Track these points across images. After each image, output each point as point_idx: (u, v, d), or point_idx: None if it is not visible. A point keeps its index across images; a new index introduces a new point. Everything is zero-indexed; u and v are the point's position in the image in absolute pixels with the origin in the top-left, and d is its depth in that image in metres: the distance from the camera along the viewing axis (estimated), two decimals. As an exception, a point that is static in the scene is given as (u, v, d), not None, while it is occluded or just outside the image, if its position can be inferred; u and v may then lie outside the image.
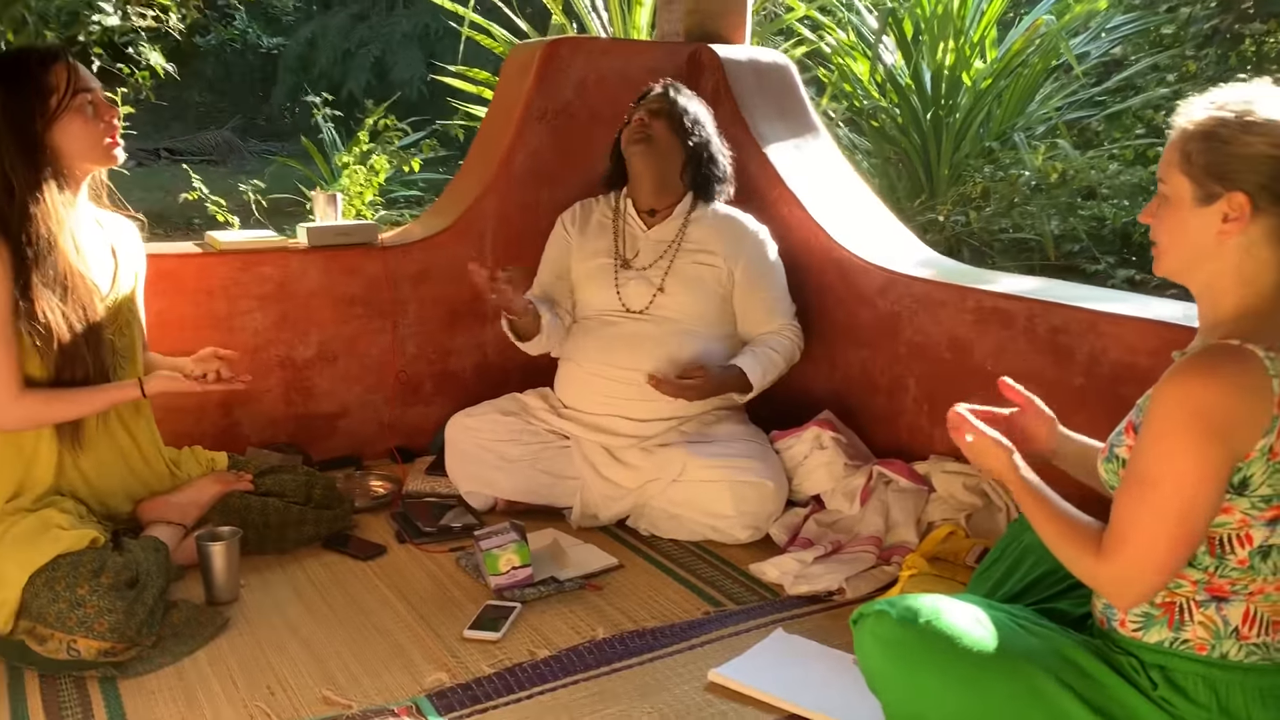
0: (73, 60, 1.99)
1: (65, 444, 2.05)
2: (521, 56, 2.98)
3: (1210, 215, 1.37)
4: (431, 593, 2.14)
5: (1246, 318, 1.38)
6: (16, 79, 1.94)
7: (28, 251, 1.93)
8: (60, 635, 1.79)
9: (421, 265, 2.86)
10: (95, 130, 1.99)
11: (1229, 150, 1.35)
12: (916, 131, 6.23)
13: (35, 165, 1.95)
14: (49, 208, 1.96)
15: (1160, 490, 1.33)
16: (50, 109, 1.94)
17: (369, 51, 10.95)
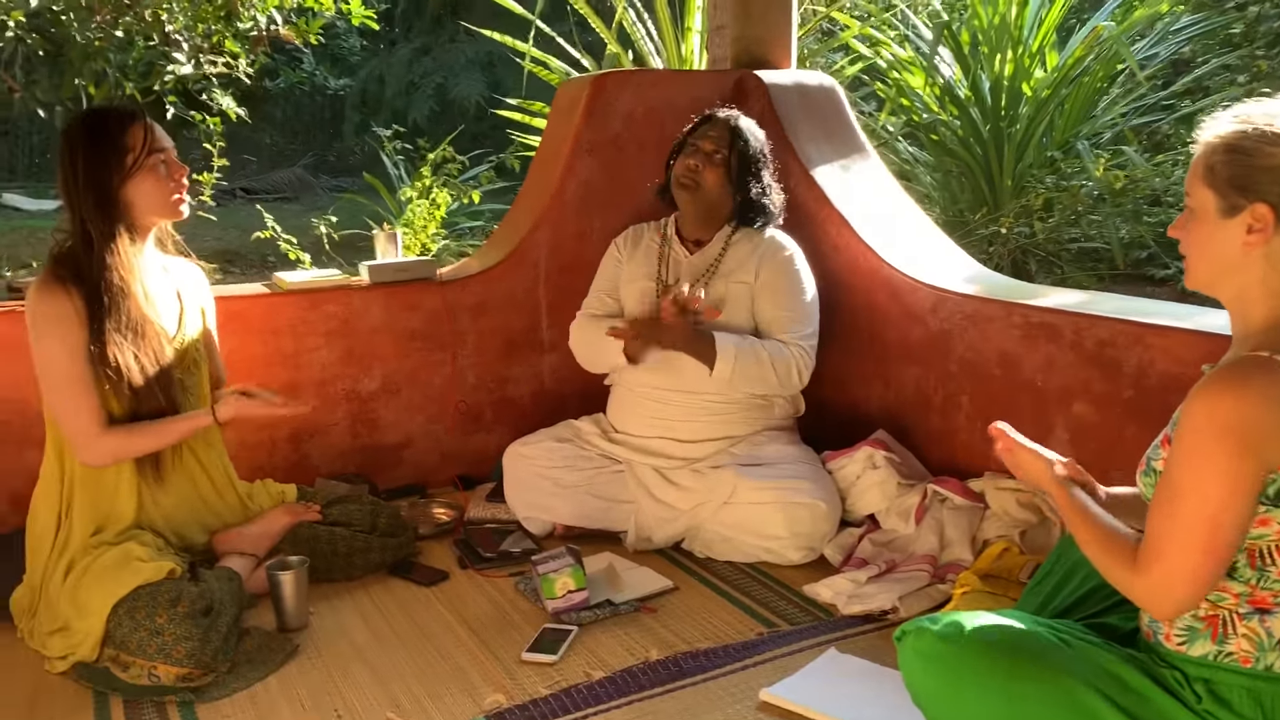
0: (149, 121, 2.11)
1: (144, 479, 2.16)
2: (571, 91, 3.06)
3: (1235, 227, 1.37)
4: (491, 616, 2.20)
5: (1276, 329, 1.38)
6: (97, 138, 2.06)
7: (103, 299, 2.05)
8: (141, 662, 1.89)
9: (479, 298, 2.94)
10: (166, 187, 2.10)
11: (1252, 162, 1.35)
12: (977, 143, 6.18)
13: (110, 218, 2.07)
14: (122, 258, 2.08)
15: (1191, 503, 1.34)
16: (126, 167, 2.06)
17: (431, 80, 11.21)
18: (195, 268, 2.35)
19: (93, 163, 2.05)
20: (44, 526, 2.12)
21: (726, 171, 2.57)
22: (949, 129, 6.32)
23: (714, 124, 2.61)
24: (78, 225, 2.08)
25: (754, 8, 3.22)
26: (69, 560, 2.05)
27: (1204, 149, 1.41)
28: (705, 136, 2.59)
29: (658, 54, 5.91)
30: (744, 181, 2.58)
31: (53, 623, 2.02)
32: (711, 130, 2.60)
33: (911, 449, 2.64)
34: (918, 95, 6.41)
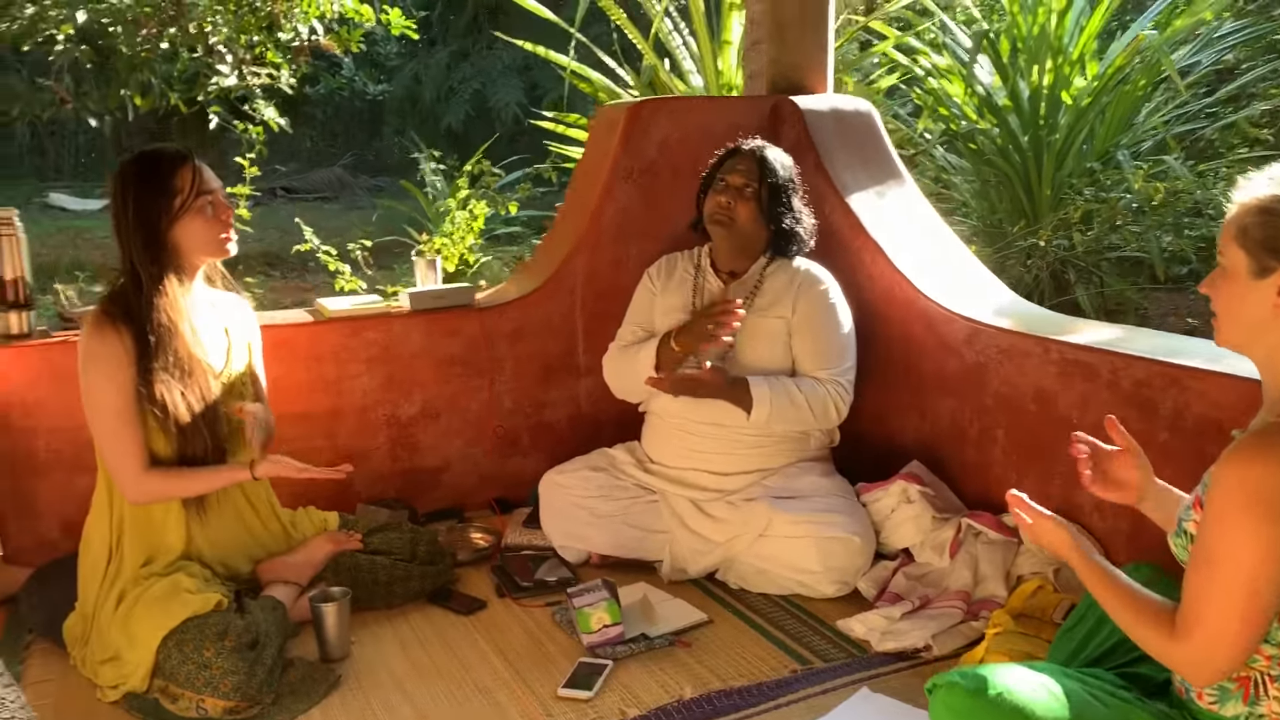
0: (197, 163, 2.16)
1: (191, 512, 2.22)
2: (607, 118, 3.09)
3: (1266, 289, 1.38)
4: (528, 648, 2.24)
5: (1311, 389, 1.39)
6: (147, 180, 2.12)
7: (151, 338, 2.10)
8: (190, 695, 1.95)
9: (516, 324, 2.98)
10: (213, 228, 2.16)
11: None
12: (1016, 152, 6.14)
13: (159, 259, 2.12)
14: (170, 298, 2.13)
15: (1226, 571, 1.35)
16: (175, 209, 2.12)
17: (468, 86, 11.29)
18: (243, 301, 2.41)
19: (142, 205, 2.11)
20: (96, 557, 2.18)
21: (758, 204, 2.58)
22: (987, 138, 6.28)
23: (741, 157, 2.62)
24: (128, 265, 2.14)
25: (789, 32, 3.23)
26: (120, 590, 2.11)
27: (1238, 209, 1.42)
28: (734, 171, 2.60)
29: (695, 65, 5.93)
30: (776, 213, 2.59)
31: (104, 652, 2.08)
32: (740, 164, 2.61)
33: (946, 481, 2.64)
34: (955, 103, 6.38)
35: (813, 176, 3.01)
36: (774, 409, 2.45)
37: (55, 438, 2.56)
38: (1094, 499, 2.25)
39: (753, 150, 2.63)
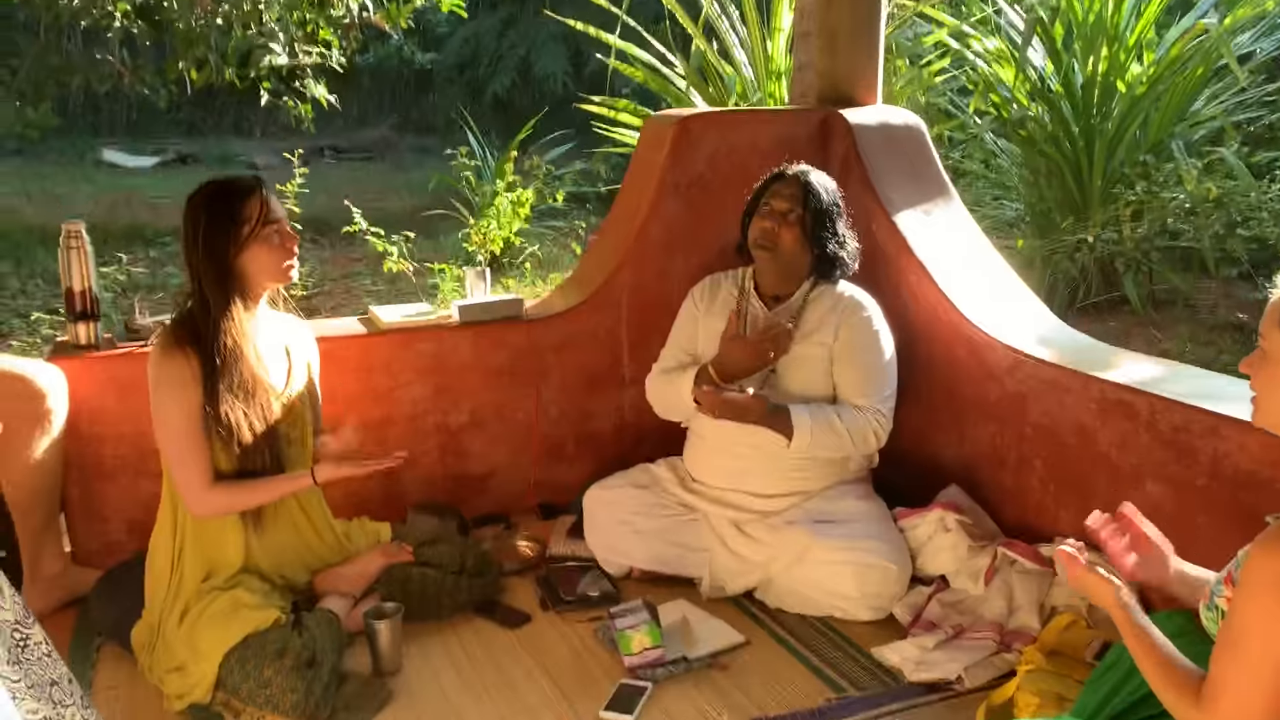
0: (265, 193, 2.23)
1: (248, 526, 2.32)
2: (655, 133, 3.12)
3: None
4: (571, 666, 2.32)
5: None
6: (217, 209, 2.19)
7: (216, 361, 2.19)
8: (252, 710, 2.06)
9: (562, 336, 3.04)
10: (278, 256, 2.23)
11: None
12: (1067, 140, 6.06)
13: (226, 286, 2.20)
14: (236, 323, 2.22)
15: (1253, 651, 1.39)
16: (243, 237, 2.19)
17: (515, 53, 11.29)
18: (303, 324, 2.49)
19: (211, 233, 2.18)
20: (160, 570, 2.29)
21: (802, 229, 2.60)
22: (1039, 124, 6.20)
23: (786, 182, 2.64)
24: (196, 290, 2.22)
25: (840, 43, 3.23)
26: (183, 605, 2.22)
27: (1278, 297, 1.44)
28: (778, 195, 2.63)
29: (744, 51, 5.90)
30: (819, 237, 2.61)
31: (170, 661, 2.19)
32: (784, 189, 2.63)
33: (983, 504, 2.68)
34: (1006, 88, 6.29)
35: (860, 193, 3.03)
36: (815, 438, 2.50)
37: (121, 444, 2.67)
38: (1130, 536, 2.28)
39: (797, 175, 2.65)
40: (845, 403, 2.60)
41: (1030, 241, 6.49)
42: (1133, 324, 5.75)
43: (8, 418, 2.39)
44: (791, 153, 3.07)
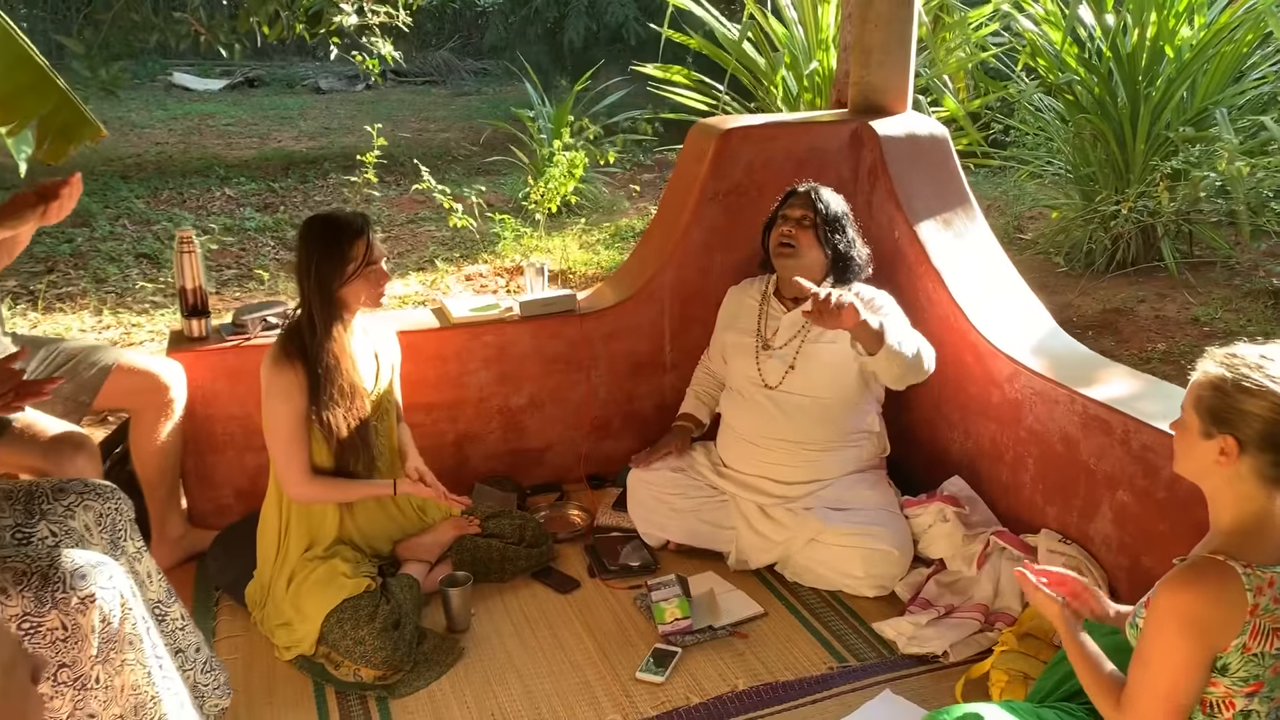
0: (371, 236, 2.58)
1: (344, 505, 2.73)
2: (698, 143, 3.40)
3: (1210, 448, 1.72)
4: (612, 629, 2.73)
5: (1236, 534, 1.74)
6: (329, 246, 2.55)
7: (320, 373, 2.58)
8: (349, 664, 2.49)
9: (612, 327, 3.39)
10: (374, 290, 2.60)
11: (1228, 403, 1.69)
12: (1113, 104, 6.17)
13: (329, 310, 2.57)
14: (336, 339, 2.60)
15: (1155, 672, 1.73)
16: (347, 274, 2.55)
17: (582, 0, 11.43)
18: (389, 327, 2.87)
19: (322, 266, 2.55)
20: (269, 539, 2.71)
21: (815, 231, 2.92)
22: (1085, 88, 6.31)
23: (797, 196, 2.98)
24: (305, 308, 2.59)
25: (873, 56, 3.47)
26: (289, 572, 2.64)
27: (1198, 378, 1.75)
28: (791, 206, 2.96)
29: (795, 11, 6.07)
30: (831, 238, 2.92)
31: (279, 618, 2.63)
32: (797, 201, 2.96)
33: (982, 494, 3.02)
34: (1054, 51, 6.39)
35: (884, 201, 3.31)
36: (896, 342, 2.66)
37: (229, 423, 3.09)
38: (1105, 534, 2.63)
39: (806, 190, 2.97)
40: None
41: (1074, 203, 6.66)
42: (1168, 287, 5.94)
43: (140, 408, 2.82)
44: (823, 162, 3.38)
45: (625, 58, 9.89)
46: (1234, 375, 1.70)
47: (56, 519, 2.04)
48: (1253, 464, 1.70)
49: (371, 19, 6.60)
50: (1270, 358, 1.71)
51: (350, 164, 8.06)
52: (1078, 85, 6.33)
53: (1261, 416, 1.67)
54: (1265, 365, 1.70)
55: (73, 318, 5.58)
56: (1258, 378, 1.68)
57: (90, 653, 1.82)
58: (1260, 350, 1.73)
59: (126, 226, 7.52)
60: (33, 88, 3.08)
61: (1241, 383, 1.69)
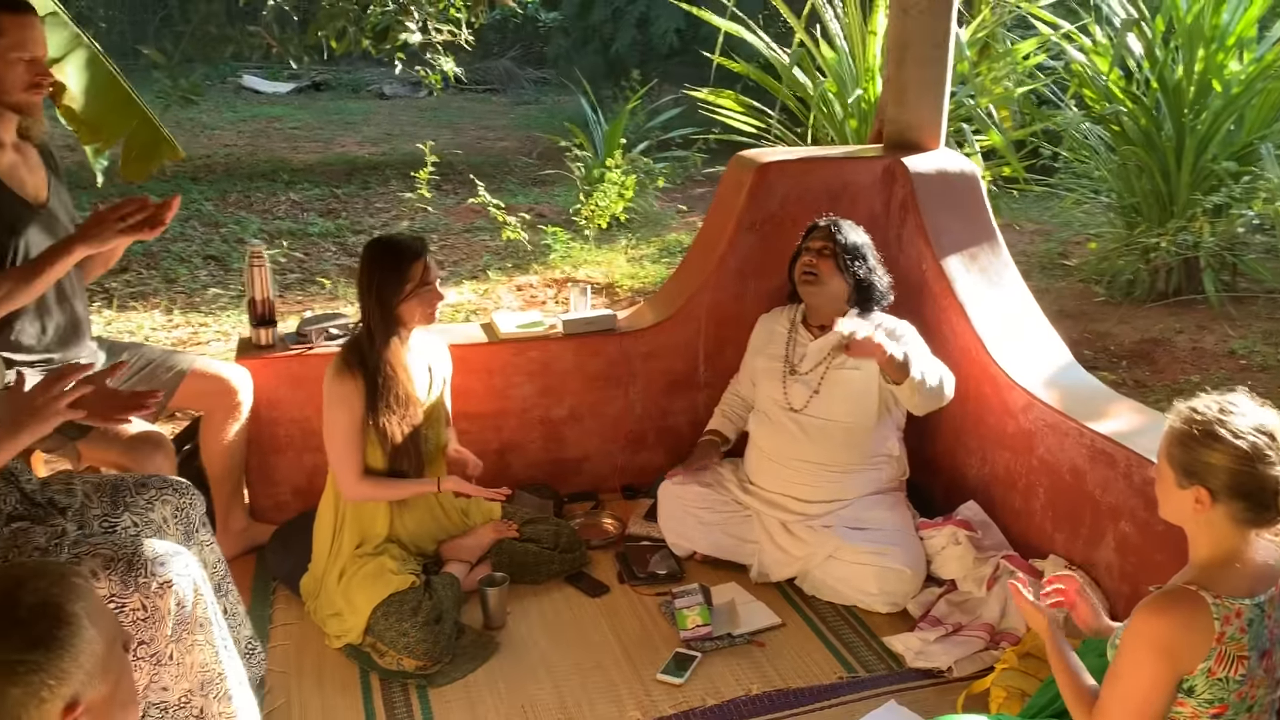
0: (428, 259, 2.79)
1: (394, 506, 2.95)
2: (736, 175, 3.59)
3: (1185, 496, 1.87)
4: (637, 633, 2.91)
5: (1211, 568, 1.88)
6: (389, 266, 2.77)
7: (378, 381, 2.80)
8: (393, 654, 2.70)
9: (649, 346, 3.58)
10: (429, 309, 2.81)
11: (1197, 456, 1.84)
12: (1160, 136, 6.22)
13: (387, 325, 2.79)
14: (393, 352, 2.82)
15: (1125, 687, 1.88)
16: (405, 292, 2.77)
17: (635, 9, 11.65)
18: (442, 342, 3.09)
19: (383, 285, 2.77)
20: (324, 535, 2.94)
21: (837, 261, 3.08)
22: (1131, 118, 6.38)
23: (818, 229, 3.15)
24: (365, 323, 2.82)
25: (909, 95, 3.62)
26: (341, 566, 2.87)
27: (1169, 433, 1.90)
28: (813, 239, 3.13)
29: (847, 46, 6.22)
30: (851, 266, 3.08)
31: (330, 608, 2.85)
32: (819, 234, 3.13)
33: (996, 519, 3.16)
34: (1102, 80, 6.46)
35: (914, 235, 3.47)
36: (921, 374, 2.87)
37: (290, 426, 3.33)
38: (1108, 562, 2.76)
39: (826, 224, 3.14)
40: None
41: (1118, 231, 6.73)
42: (1209, 319, 5.99)
43: (210, 409, 3.07)
44: (856, 196, 3.55)
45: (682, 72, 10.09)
46: (1197, 430, 1.85)
47: (138, 511, 2.28)
48: (1225, 510, 1.85)
49: (435, 36, 6.85)
50: (1231, 410, 1.86)
51: (410, 172, 8.34)
52: (1124, 116, 6.41)
53: (1227, 468, 1.82)
54: (1225, 419, 1.84)
55: (144, 316, 5.90)
56: (1219, 431, 1.82)
57: (165, 632, 2.05)
58: (1220, 402, 1.88)
59: (196, 228, 7.85)
60: (117, 109, 3.38)
61: (1204, 437, 1.84)
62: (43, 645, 1.19)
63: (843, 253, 3.09)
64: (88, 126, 3.34)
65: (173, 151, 3.55)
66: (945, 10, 3.54)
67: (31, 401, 1.92)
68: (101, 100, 3.32)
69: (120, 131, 3.41)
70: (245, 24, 7.70)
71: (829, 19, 6.35)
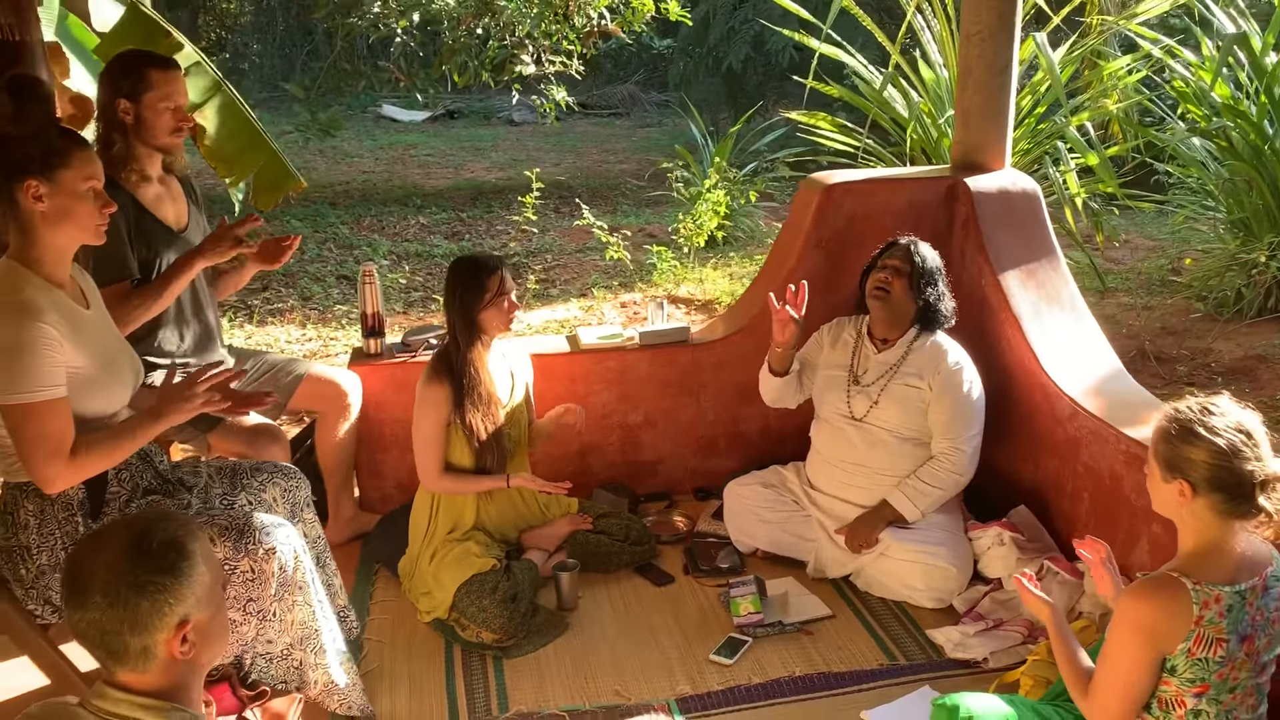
0: (504, 272, 3.13)
1: (482, 498, 3.28)
2: (805, 196, 3.82)
3: (1171, 489, 2.03)
4: (696, 620, 3.16)
5: (1194, 557, 2.04)
6: (470, 280, 3.10)
7: (464, 383, 3.14)
8: (474, 627, 3.02)
9: (720, 357, 3.84)
10: (506, 318, 3.14)
11: (1176, 452, 2.00)
12: (1270, 150, 6.15)
13: (470, 333, 3.13)
14: (476, 357, 3.15)
15: (1112, 664, 2.05)
16: (484, 302, 3.10)
17: (750, 28, 11.93)
18: (524, 351, 3.41)
19: (465, 296, 3.11)
20: (420, 522, 3.29)
21: (909, 282, 3.26)
22: (1239, 133, 6.31)
23: (898, 247, 3.30)
24: (451, 332, 3.17)
25: (973, 119, 3.79)
26: (433, 550, 3.21)
27: (1155, 431, 2.06)
28: (891, 256, 3.30)
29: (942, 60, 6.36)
30: (922, 289, 3.26)
31: (422, 587, 3.20)
32: (897, 251, 3.30)
33: (1045, 523, 3.29)
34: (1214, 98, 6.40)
35: (974, 253, 3.63)
36: (917, 506, 3.22)
37: (395, 427, 3.71)
38: (1142, 564, 2.89)
39: (907, 244, 3.30)
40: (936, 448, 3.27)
41: (1227, 247, 6.63)
42: (1309, 340, 5.88)
43: (324, 410, 3.46)
44: (921, 215, 3.73)
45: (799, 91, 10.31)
46: (1179, 428, 2.01)
47: (252, 491, 2.66)
48: (1206, 502, 2.00)
49: (548, 68, 7.27)
50: (1211, 410, 2.01)
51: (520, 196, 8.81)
52: (1232, 131, 6.34)
53: (1205, 463, 1.98)
54: (1206, 418, 1.99)
55: (280, 330, 6.46)
56: (1198, 429, 1.98)
57: (270, 592, 2.41)
58: (1203, 402, 2.03)
59: (331, 250, 8.45)
60: (249, 149, 3.85)
61: (1185, 434, 2.00)
62: (168, 572, 1.54)
63: (917, 274, 3.26)
64: (224, 163, 3.82)
65: (296, 184, 3.99)
66: (1007, 38, 3.70)
67: (178, 393, 2.32)
68: (235, 141, 3.79)
69: (251, 167, 3.88)
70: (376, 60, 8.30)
71: (926, 40, 6.51)
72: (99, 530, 1.62)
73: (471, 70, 7.64)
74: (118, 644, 1.50)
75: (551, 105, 7.73)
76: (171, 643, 1.53)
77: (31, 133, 2.27)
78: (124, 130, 2.95)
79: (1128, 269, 7.55)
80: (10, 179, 2.21)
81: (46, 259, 2.28)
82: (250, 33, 18.50)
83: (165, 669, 1.54)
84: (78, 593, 1.51)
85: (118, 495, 2.42)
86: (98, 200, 2.28)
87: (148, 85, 2.93)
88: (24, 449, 2.16)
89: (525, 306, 6.43)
